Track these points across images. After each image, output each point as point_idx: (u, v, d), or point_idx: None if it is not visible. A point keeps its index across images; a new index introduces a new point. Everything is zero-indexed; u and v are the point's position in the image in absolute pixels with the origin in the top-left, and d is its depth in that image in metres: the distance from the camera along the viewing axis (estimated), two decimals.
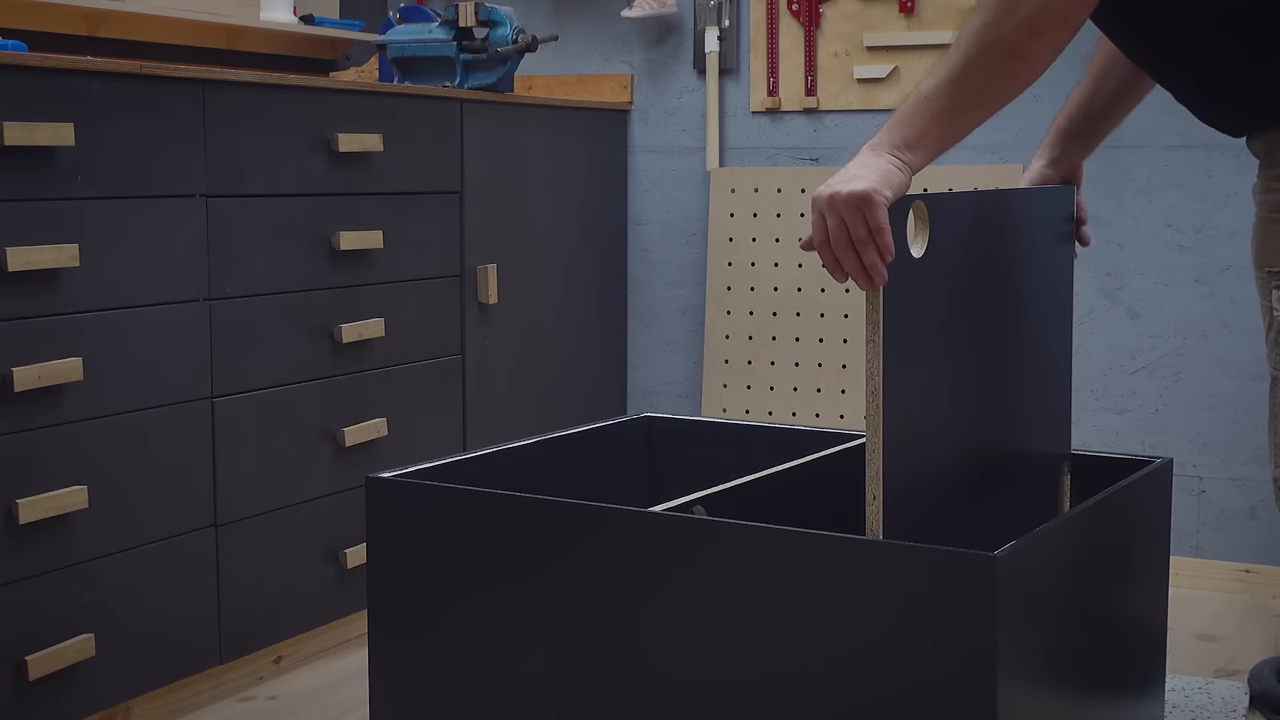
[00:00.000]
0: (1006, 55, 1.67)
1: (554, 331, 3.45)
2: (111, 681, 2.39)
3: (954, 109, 1.69)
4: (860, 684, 1.64)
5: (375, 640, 1.99)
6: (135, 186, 2.39)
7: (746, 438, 2.42)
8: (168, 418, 2.46)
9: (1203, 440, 3.26)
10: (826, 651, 1.66)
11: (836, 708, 1.66)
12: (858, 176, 1.64)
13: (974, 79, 1.67)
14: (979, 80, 1.68)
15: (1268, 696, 2.49)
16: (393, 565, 1.96)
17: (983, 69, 1.67)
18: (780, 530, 1.68)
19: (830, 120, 3.57)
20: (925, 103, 1.69)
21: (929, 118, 1.69)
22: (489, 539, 1.88)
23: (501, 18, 3.27)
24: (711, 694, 1.73)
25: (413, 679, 1.96)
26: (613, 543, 1.78)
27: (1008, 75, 1.69)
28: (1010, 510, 2.03)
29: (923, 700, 1.61)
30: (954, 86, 1.68)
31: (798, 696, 1.68)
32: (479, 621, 1.90)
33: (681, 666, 1.75)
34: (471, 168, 3.14)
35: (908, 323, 1.69)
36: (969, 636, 1.58)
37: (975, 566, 1.57)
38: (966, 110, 1.70)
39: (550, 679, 1.84)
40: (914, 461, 1.72)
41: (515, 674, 1.87)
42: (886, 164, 1.66)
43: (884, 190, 1.63)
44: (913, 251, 1.69)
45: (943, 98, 1.68)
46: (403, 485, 1.96)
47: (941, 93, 1.68)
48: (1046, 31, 1.66)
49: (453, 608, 1.92)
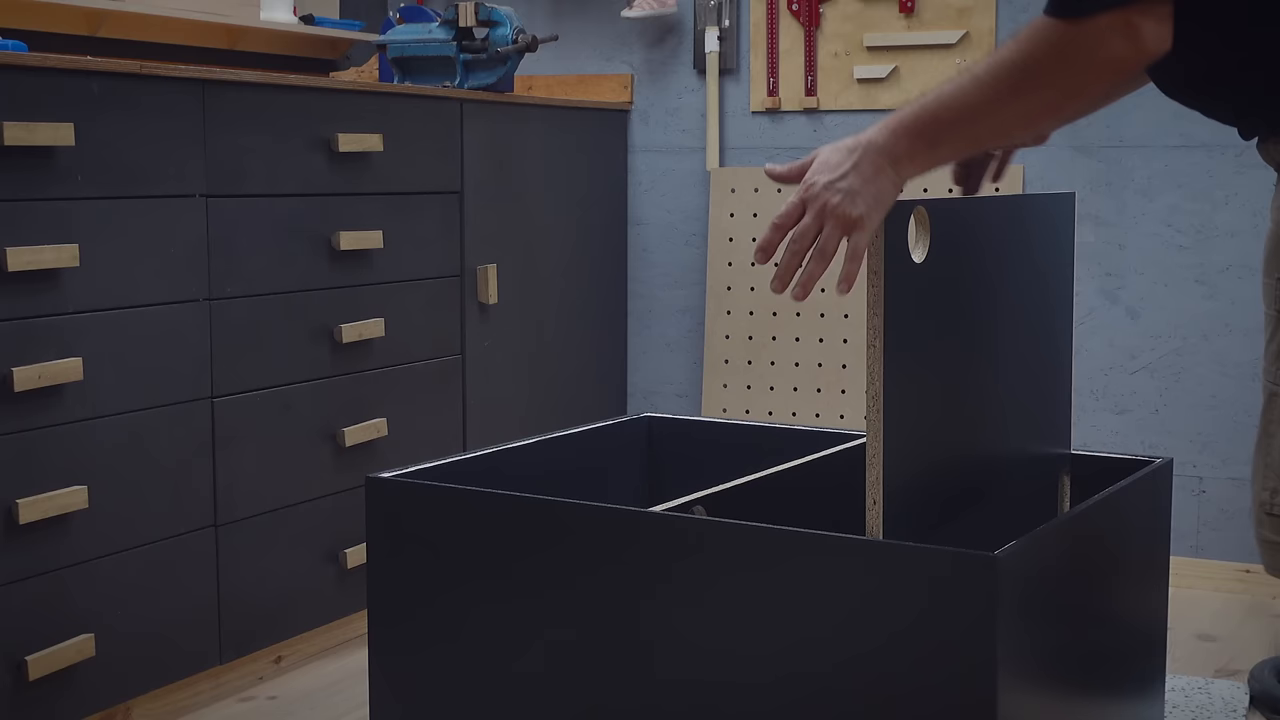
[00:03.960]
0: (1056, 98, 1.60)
1: (554, 331, 3.45)
2: (111, 682, 2.39)
3: (978, 139, 1.65)
4: (860, 684, 1.64)
5: (375, 640, 1.99)
6: (135, 186, 2.39)
7: (746, 438, 2.41)
8: (168, 418, 2.46)
9: (1203, 440, 3.26)
10: (826, 652, 1.66)
11: (836, 708, 1.66)
12: (858, 194, 1.61)
13: (1009, 112, 1.61)
14: (1013, 114, 1.62)
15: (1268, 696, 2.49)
16: (393, 565, 1.96)
17: (1022, 104, 1.60)
18: (780, 530, 1.68)
19: (830, 120, 3.57)
20: (948, 124, 1.62)
21: (949, 143, 1.63)
22: (489, 539, 1.88)
23: (501, 18, 3.27)
24: (711, 694, 1.73)
25: (413, 679, 1.96)
26: (613, 543, 1.78)
27: (1050, 115, 1.64)
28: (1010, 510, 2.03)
29: (923, 700, 1.61)
30: (985, 116, 1.61)
31: (798, 697, 1.68)
32: (479, 621, 1.90)
33: (681, 667, 1.75)
34: (471, 168, 3.14)
35: (908, 327, 1.69)
36: (969, 636, 1.57)
37: (975, 566, 1.57)
38: (991, 140, 1.67)
39: (550, 679, 1.84)
40: (914, 464, 1.72)
41: (515, 674, 1.87)
42: (889, 185, 1.62)
43: (876, 218, 1.61)
44: (914, 256, 1.69)
45: (970, 124, 1.62)
46: (403, 485, 1.96)
47: (969, 119, 1.61)
48: (1105, 80, 1.58)
49: (453, 608, 1.92)
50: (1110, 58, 1.55)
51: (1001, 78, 1.59)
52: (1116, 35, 1.53)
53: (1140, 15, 1.53)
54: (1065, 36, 1.55)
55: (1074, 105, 1.64)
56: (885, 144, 1.64)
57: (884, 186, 1.63)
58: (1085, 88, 1.60)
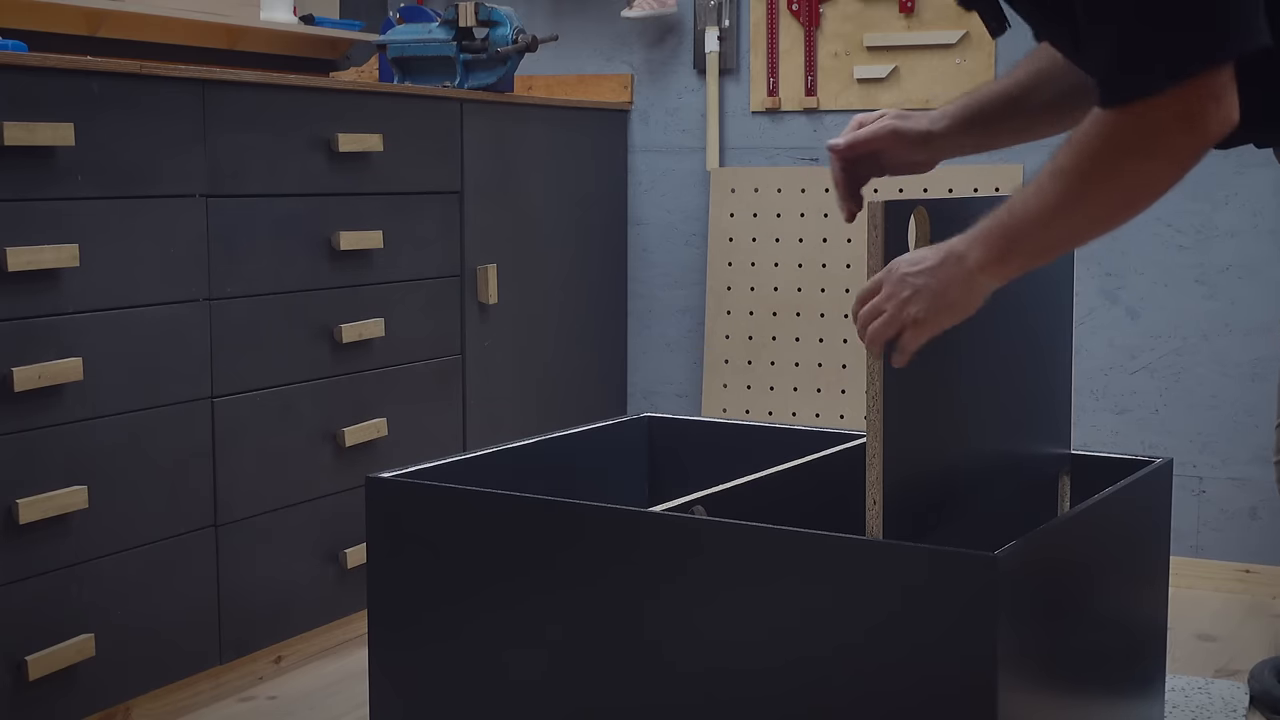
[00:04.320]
0: (1124, 197, 1.49)
1: (554, 331, 3.45)
2: (111, 682, 2.39)
3: (1050, 247, 1.57)
4: (860, 684, 1.64)
5: (375, 640, 1.99)
6: (135, 186, 2.39)
7: (746, 438, 2.42)
8: (168, 418, 2.46)
9: (1203, 440, 3.26)
10: (827, 652, 1.66)
11: (837, 708, 1.66)
12: (947, 307, 1.58)
13: (1077, 218, 1.51)
14: (1082, 220, 1.52)
15: (1268, 696, 2.49)
16: (393, 565, 1.96)
17: (1087, 210, 1.50)
18: (780, 530, 1.68)
19: (830, 120, 3.57)
20: (1016, 236, 1.54)
21: (1020, 254, 1.55)
22: (489, 539, 1.88)
23: (501, 18, 3.27)
24: (712, 693, 1.73)
25: (412, 679, 1.96)
26: (613, 543, 1.78)
27: (1123, 214, 1.52)
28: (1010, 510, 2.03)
29: (923, 700, 1.61)
30: (1051, 225, 1.52)
31: (798, 697, 1.68)
32: (479, 621, 1.90)
33: (681, 666, 1.75)
34: (471, 168, 3.14)
35: None
36: (969, 636, 1.58)
37: (975, 566, 1.57)
38: (1066, 246, 1.60)
39: (550, 679, 1.84)
40: (914, 464, 1.72)
41: (515, 674, 1.87)
42: (962, 293, 1.58)
43: (938, 320, 1.59)
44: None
45: (1037, 236, 1.53)
46: (403, 485, 1.96)
47: (1036, 231, 1.53)
48: (1174, 170, 1.46)
49: (453, 608, 1.92)
50: (1172, 146, 1.42)
51: (1061, 184, 1.49)
52: (1174, 120, 1.40)
53: (1198, 93, 1.38)
54: (1118, 128, 1.43)
55: (1148, 199, 1.49)
56: (964, 252, 1.58)
57: (956, 295, 1.59)
58: (1155, 182, 1.46)
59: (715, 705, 1.73)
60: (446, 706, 1.93)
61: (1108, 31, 1.41)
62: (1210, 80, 1.39)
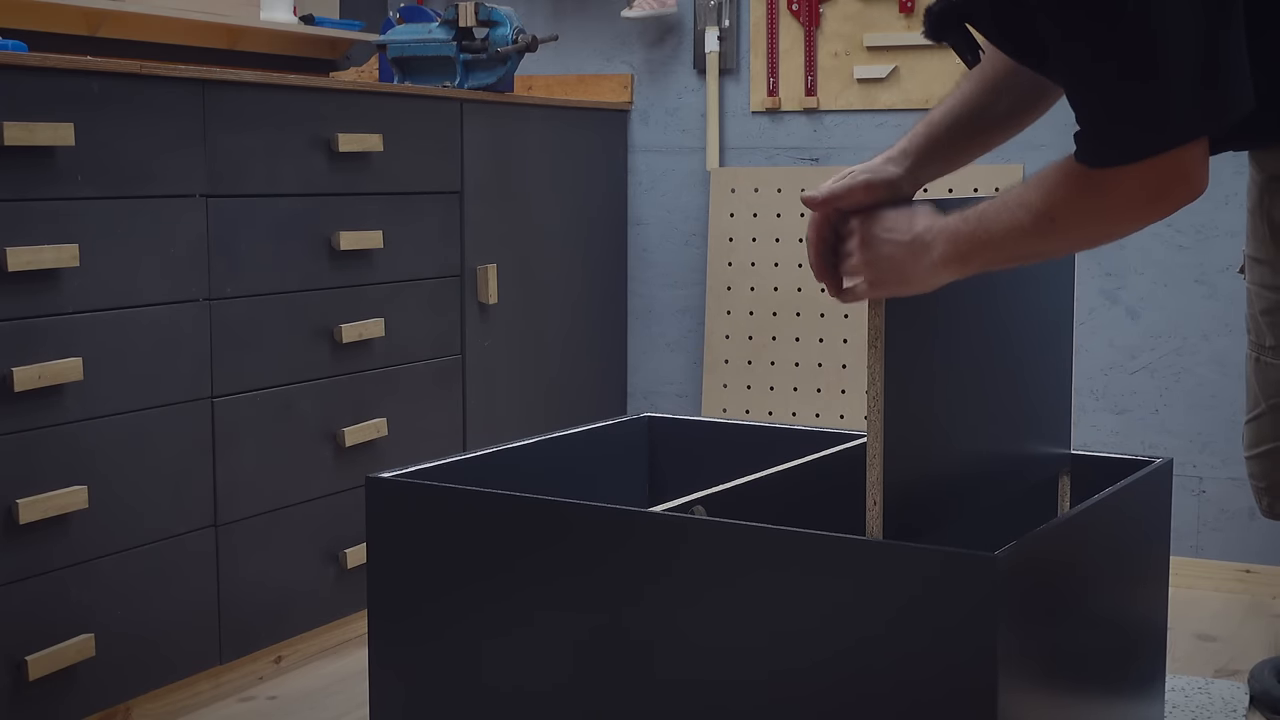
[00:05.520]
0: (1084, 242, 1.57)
1: (554, 331, 3.45)
2: (111, 682, 2.39)
3: (1008, 263, 1.61)
4: (860, 684, 1.64)
5: (375, 640, 1.99)
6: (135, 186, 2.39)
7: (746, 438, 2.42)
8: (168, 418, 2.46)
9: (1203, 440, 3.26)
10: (826, 652, 1.66)
11: (836, 708, 1.66)
12: (904, 283, 1.61)
13: (1038, 248, 1.56)
14: (1044, 250, 1.59)
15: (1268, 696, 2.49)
16: (393, 565, 1.96)
17: (1050, 245, 1.56)
18: (780, 530, 1.68)
19: (830, 120, 3.57)
20: (981, 245, 1.55)
21: (978, 262, 1.58)
22: (489, 539, 1.88)
23: (501, 18, 3.27)
24: (711, 694, 1.73)
25: (413, 679, 1.96)
26: (613, 543, 1.78)
27: (1082, 248, 1.64)
28: (1010, 510, 2.03)
29: (923, 700, 1.61)
30: (1012, 248, 1.55)
31: (798, 697, 1.68)
32: (479, 621, 1.90)
33: (681, 666, 1.75)
34: (471, 168, 3.14)
35: (908, 328, 1.69)
36: (969, 636, 1.58)
37: (975, 566, 1.57)
38: (1025, 262, 1.65)
39: (550, 679, 1.84)
40: (914, 464, 1.72)
41: (515, 674, 1.87)
42: (922, 275, 1.61)
43: (887, 291, 1.63)
44: None
45: (997, 251, 1.55)
46: (403, 485, 1.96)
47: (996, 248, 1.55)
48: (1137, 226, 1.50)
49: (453, 608, 1.92)
50: (1136, 212, 1.46)
51: (1028, 218, 1.51)
52: (1141, 190, 1.43)
53: (1168, 168, 1.40)
54: (1089, 185, 1.46)
55: (1111, 241, 1.57)
56: (930, 243, 1.59)
57: (915, 277, 1.61)
58: (1118, 234, 1.52)
59: (715, 704, 1.73)
60: (447, 706, 1.93)
61: (1088, 97, 1.44)
62: (1181, 156, 1.40)
